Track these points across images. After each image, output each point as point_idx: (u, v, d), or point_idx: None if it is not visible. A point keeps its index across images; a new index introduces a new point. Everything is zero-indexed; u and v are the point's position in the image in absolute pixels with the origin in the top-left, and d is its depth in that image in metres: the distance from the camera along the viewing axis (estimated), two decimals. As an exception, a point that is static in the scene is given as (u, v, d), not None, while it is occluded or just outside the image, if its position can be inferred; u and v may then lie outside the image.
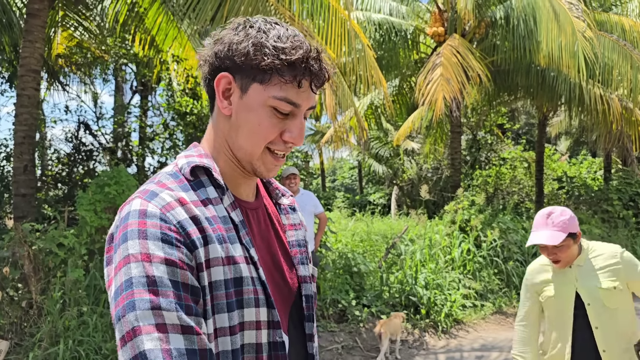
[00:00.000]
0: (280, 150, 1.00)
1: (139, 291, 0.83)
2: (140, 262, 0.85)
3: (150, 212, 0.88)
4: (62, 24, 8.14)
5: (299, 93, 0.96)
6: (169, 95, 8.58)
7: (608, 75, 9.36)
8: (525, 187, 14.50)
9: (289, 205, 1.19)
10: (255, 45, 0.94)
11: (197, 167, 1.00)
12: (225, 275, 0.92)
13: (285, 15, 5.51)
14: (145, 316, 0.81)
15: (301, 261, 1.12)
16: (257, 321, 0.95)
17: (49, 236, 4.79)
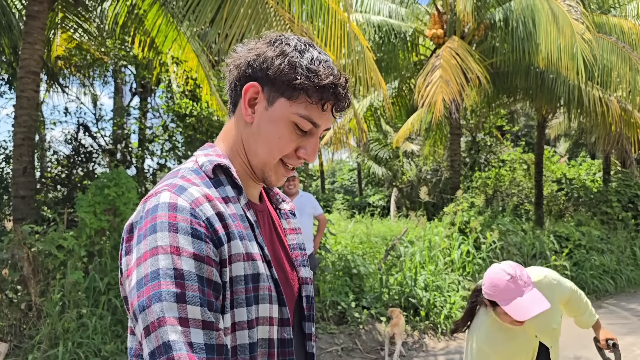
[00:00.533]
0: (292, 163, 1.06)
1: (166, 283, 0.85)
2: (170, 254, 0.87)
3: (181, 206, 0.91)
4: (62, 26, 8.14)
5: (322, 115, 1.03)
6: (169, 97, 8.58)
7: (607, 77, 9.37)
8: (524, 189, 14.51)
9: (289, 210, 1.24)
10: (291, 64, 0.99)
11: (217, 166, 1.03)
12: (245, 270, 0.95)
13: (284, 17, 5.51)
14: (170, 308, 0.84)
15: (302, 263, 1.17)
16: (269, 317, 0.98)
17: (48, 238, 4.78)
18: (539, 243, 8.45)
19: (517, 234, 8.46)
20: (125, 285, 0.92)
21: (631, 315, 7.22)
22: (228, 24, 5.26)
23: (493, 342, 2.23)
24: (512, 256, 7.97)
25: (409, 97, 11.84)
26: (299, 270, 1.16)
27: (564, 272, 8.29)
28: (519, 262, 8.07)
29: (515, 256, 8.00)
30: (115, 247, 5.33)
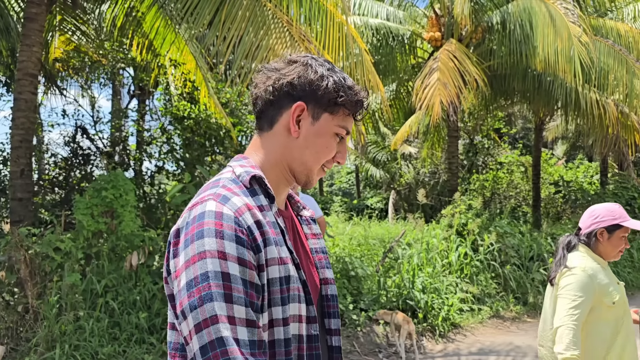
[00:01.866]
0: (329, 167, 1.21)
1: (216, 284, 0.96)
2: (217, 258, 0.98)
3: (226, 215, 1.02)
4: (60, 28, 8.14)
5: (351, 122, 1.21)
6: (167, 99, 8.57)
7: (604, 80, 9.40)
8: (522, 191, 14.53)
9: (310, 217, 1.35)
10: (336, 84, 1.15)
11: (253, 177, 1.14)
12: (279, 273, 1.06)
13: (282, 20, 5.52)
14: (221, 307, 0.95)
15: (325, 265, 1.30)
16: (299, 315, 1.10)
17: (45, 240, 4.77)
18: (537, 245, 8.46)
19: (515, 236, 8.46)
20: (172, 285, 1.04)
21: (629, 318, 7.23)
22: (226, 27, 5.26)
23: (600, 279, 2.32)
24: (510, 258, 7.98)
25: (406, 100, 11.86)
26: (322, 272, 1.28)
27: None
28: (516, 264, 8.08)
29: (512, 258, 8.01)
30: (113, 249, 5.33)
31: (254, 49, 5.39)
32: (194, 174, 7.37)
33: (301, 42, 5.48)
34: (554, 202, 13.72)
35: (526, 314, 7.37)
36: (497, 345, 6.08)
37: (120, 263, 5.24)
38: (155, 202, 7.83)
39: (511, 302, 7.45)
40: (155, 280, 5.29)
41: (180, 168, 8.11)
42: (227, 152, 8.49)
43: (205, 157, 8.17)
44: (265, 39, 5.38)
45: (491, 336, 6.46)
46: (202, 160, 8.01)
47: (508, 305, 7.41)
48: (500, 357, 5.64)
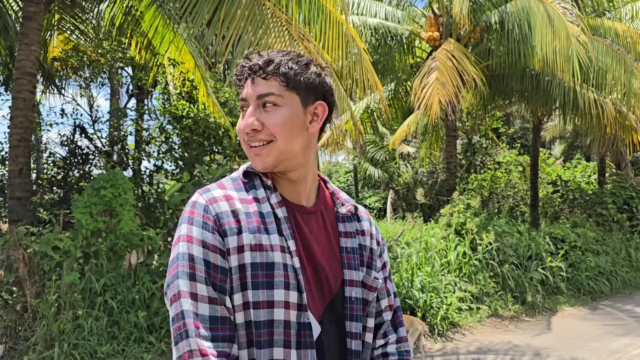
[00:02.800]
0: (248, 140, 1.18)
1: (182, 264, 1.09)
2: (185, 242, 1.10)
3: (199, 204, 1.14)
4: (58, 27, 8.12)
5: (243, 90, 1.18)
6: (165, 98, 8.56)
7: (602, 80, 9.42)
8: (520, 190, 14.56)
9: (345, 214, 1.31)
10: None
11: (248, 172, 1.22)
12: (253, 259, 1.10)
13: (281, 19, 5.52)
14: (185, 284, 1.07)
15: (352, 266, 1.25)
16: (285, 301, 1.11)
17: (44, 239, 4.77)
18: (535, 244, 8.47)
19: (513, 235, 8.48)
20: None
21: (627, 317, 7.24)
22: (225, 26, 5.26)
23: None
24: (508, 257, 7.99)
25: (405, 99, 11.86)
26: (348, 273, 1.24)
27: (560, 274, 8.32)
28: (514, 263, 8.10)
29: (511, 257, 8.02)
30: (112, 248, 5.32)
31: (253, 49, 5.39)
32: (193, 174, 7.37)
33: (300, 41, 5.48)
34: (551, 201, 13.73)
35: (524, 313, 7.39)
36: (495, 344, 6.09)
37: (119, 262, 5.24)
38: (153, 202, 7.83)
39: (509, 301, 7.46)
40: (154, 279, 5.29)
41: (178, 167, 8.11)
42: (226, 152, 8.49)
43: (203, 157, 8.17)
44: (264, 38, 5.38)
45: (490, 335, 6.47)
46: (201, 160, 8.01)
47: (506, 305, 7.42)
48: (499, 356, 5.65)
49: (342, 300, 1.22)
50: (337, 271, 1.23)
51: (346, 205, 1.31)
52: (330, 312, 1.20)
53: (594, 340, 6.11)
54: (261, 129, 1.15)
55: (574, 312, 7.59)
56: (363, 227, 1.33)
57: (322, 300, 1.19)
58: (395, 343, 1.34)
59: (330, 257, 1.23)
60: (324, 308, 1.19)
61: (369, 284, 1.27)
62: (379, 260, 1.35)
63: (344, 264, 1.24)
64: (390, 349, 1.33)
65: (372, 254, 1.32)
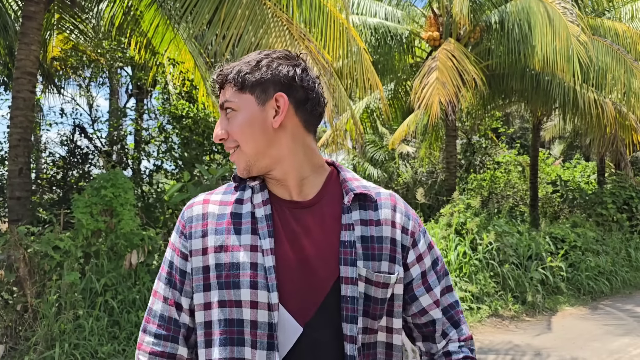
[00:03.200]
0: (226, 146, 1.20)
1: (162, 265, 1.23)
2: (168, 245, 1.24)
3: (182, 211, 1.24)
4: (58, 27, 8.11)
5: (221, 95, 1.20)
6: (165, 98, 8.56)
7: (602, 79, 9.42)
8: (519, 190, 14.56)
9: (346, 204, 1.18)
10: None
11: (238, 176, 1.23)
12: (217, 259, 1.13)
13: (282, 19, 5.52)
14: (155, 283, 1.23)
15: (348, 262, 1.13)
16: (252, 301, 1.10)
17: (44, 239, 4.76)
18: (535, 244, 8.47)
19: (513, 235, 8.47)
20: None
21: (627, 317, 7.25)
22: (225, 25, 5.25)
23: None
24: (509, 257, 7.99)
25: (404, 99, 11.86)
26: (344, 269, 1.12)
27: (560, 274, 8.32)
28: (515, 263, 8.10)
29: (511, 257, 8.02)
30: (112, 248, 5.31)
31: (254, 48, 5.38)
32: (193, 173, 7.36)
33: (301, 41, 5.47)
34: (551, 201, 13.74)
35: (525, 312, 7.38)
36: (496, 344, 6.09)
37: (119, 262, 5.23)
38: (153, 201, 7.82)
39: (510, 301, 7.46)
40: (154, 279, 5.28)
41: (178, 167, 8.10)
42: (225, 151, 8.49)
43: (203, 156, 8.17)
44: (265, 38, 5.38)
45: (490, 335, 6.46)
46: (201, 160, 8.01)
47: (507, 304, 7.42)
48: (500, 356, 5.65)
49: (338, 299, 1.12)
50: (333, 268, 1.12)
51: (349, 195, 1.18)
52: (322, 313, 1.11)
53: (594, 340, 6.11)
54: (227, 137, 1.17)
55: (574, 312, 7.59)
56: (380, 215, 1.19)
57: (311, 301, 1.11)
58: (457, 341, 1.23)
59: (325, 253, 1.13)
60: (315, 310, 1.11)
61: (374, 279, 1.14)
62: (412, 251, 1.22)
63: (340, 259, 1.12)
64: (452, 347, 1.22)
65: (395, 245, 1.18)
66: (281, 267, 1.11)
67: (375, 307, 1.15)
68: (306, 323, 1.11)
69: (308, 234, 1.15)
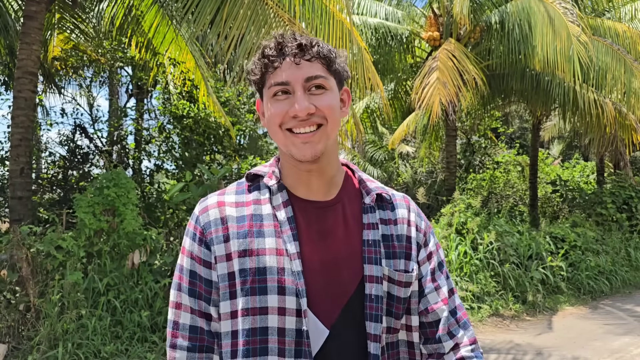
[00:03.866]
0: (294, 126, 1.09)
1: (176, 275, 1.16)
2: (181, 253, 1.17)
3: (193, 214, 1.17)
4: (59, 27, 8.11)
5: (281, 72, 1.10)
6: (166, 98, 8.56)
7: (602, 80, 9.44)
8: (519, 190, 14.57)
9: (369, 204, 1.20)
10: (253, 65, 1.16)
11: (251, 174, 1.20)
12: (242, 265, 1.08)
13: (284, 18, 5.52)
14: (174, 294, 1.15)
15: (372, 260, 1.13)
16: (280, 307, 1.06)
17: (47, 239, 4.76)
18: (535, 244, 8.49)
19: (514, 235, 8.49)
20: None
21: (627, 316, 7.27)
22: (227, 25, 5.25)
23: None
24: (509, 257, 8.01)
25: (405, 99, 11.87)
26: (368, 268, 1.13)
27: (560, 273, 8.34)
28: (515, 262, 8.11)
29: (511, 257, 8.04)
30: (114, 247, 5.31)
31: (256, 48, 5.38)
32: (194, 173, 7.36)
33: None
34: (550, 201, 13.76)
35: (525, 312, 7.40)
36: (497, 343, 6.10)
37: (121, 261, 5.23)
38: (154, 201, 7.82)
39: (510, 300, 7.47)
40: (156, 278, 5.29)
41: (179, 167, 8.10)
42: (226, 151, 8.49)
43: (204, 156, 8.17)
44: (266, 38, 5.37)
45: (491, 334, 6.48)
46: (201, 159, 8.01)
47: (507, 304, 7.44)
48: (501, 356, 5.66)
49: (362, 298, 1.11)
50: (357, 267, 1.12)
51: (371, 195, 1.19)
52: (346, 314, 1.11)
53: (595, 340, 6.12)
54: (314, 112, 1.08)
55: (575, 311, 7.60)
56: (397, 215, 1.21)
57: (336, 303, 1.10)
58: (468, 345, 1.19)
59: (348, 253, 1.13)
60: (339, 311, 1.10)
61: (396, 278, 1.15)
62: (423, 249, 1.22)
63: (364, 258, 1.13)
64: (464, 351, 1.18)
65: (410, 242, 1.20)
66: (307, 271, 1.09)
67: (398, 307, 1.16)
68: (332, 325, 1.10)
69: (331, 234, 1.14)
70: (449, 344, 1.18)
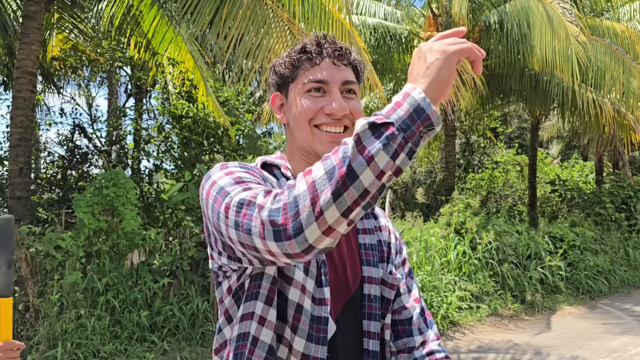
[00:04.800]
0: (326, 123, 1.13)
1: (229, 185, 1.01)
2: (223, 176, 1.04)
3: (230, 168, 1.07)
4: (57, 27, 8.10)
5: (320, 69, 1.14)
6: (164, 98, 8.55)
7: (601, 79, 9.46)
8: (518, 190, 14.59)
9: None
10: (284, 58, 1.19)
11: (267, 164, 1.20)
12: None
13: (283, 18, 5.53)
14: (230, 186, 1.01)
15: (371, 263, 1.22)
16: (302, 285, 1.08)
17: (46, 239, 4.76)
18: (534, 244, 8.50)
19: (512, 234, 8.50)
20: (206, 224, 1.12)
21: (625, 315, 7.28)
22: (227, 25, 5.26)
23: None
24: (508, 256, 8.02)
25: (404, 99, 11.85)
26: (367, 269, 1.21)
27: (559, 273, 8.35)
28: (514, 262, 8.13)
29: (510, 256, 8.05)
30: (113, 247, 5.32)
31: (255, 49, 5.39)
32: (193, 173, 7.36)
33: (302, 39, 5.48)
34: (549, 201, 13.78)
35: (524, 312, 7.41)
36: (495, 343, 6.11)
37: (121, 261, 5.23)
38: (153, 201, 7.82)
39: (509, 300, 7.49)
40: (156, 278, 5.29)
41: (178, 167, 8.10)
42: (225, 151, 8.49)
43: (203, 156, 8.16)
44: (266, 39, 5.39)
45: (490, 334, 6.49)
46: (200, 159, 8.01)
47: (506, 304, 7.45)
48: (500, 355, 5.67)
49: (361, 298, 1.18)
50: (357, 269, 1.19)
51: None
52: (347, 310, 1.17)
53: (593, 339, 6.14)
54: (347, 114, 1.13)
55: (573, 311, 7.62)
56: (380, 223, 1.31)
57: (340, 298, 1.16)
58: (435, 340, 1.30)
59: (350, 255, 1.20)
60: (342, 306, 1.16)
61: (389, 281, 1.24)
62: (398, 256, 1.32)
63: (362, 260, 1.20)
64: (433, 346, 1.28)
65: (390, 248, 1.29)
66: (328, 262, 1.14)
67: (387, 308, 1.24)
68: (335, 321, 1.14)
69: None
70: (419, 339, 1.26)
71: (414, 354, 1.26)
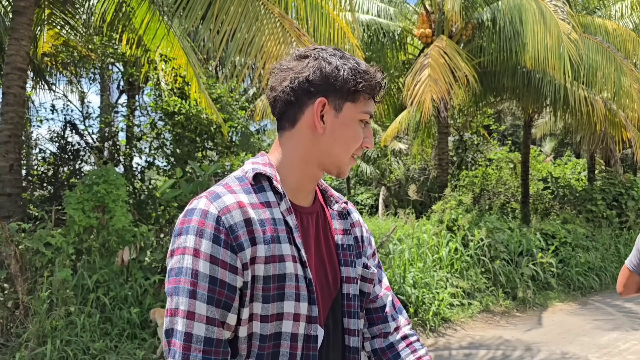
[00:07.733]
0: (358, 154, 1.19)
1: (185, 280, 1.02)
2: (192, 256, 1.02)
3: (210, 214, 1.04)
4: (48, 22, 8.04)
5: (372, 106, 1.19)
6: (157, 94, 8.52)
7: (592, 77, 9.49)
8: (510, 187, 14.64)
9: (339, 211, 1.31)
10: (352, 72, 1.13)
11: (259, 174, 1.14)
12: (266, 272, 1.05)
13: (274, 13, 5.51)
14: (184, 302, 1.01)
15: (348, 263, 1.25)
16: (295, 313, 1.08)
17: (36, 236, 4.74)
18: (526, 240, 8.54)
19: (504, 231, 8.54)
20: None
21: (616, 312, 7.33)
22: (219, 21, 5.24)
23: None
24: (500, 253, 8.05)
25: (397, 96, 11.89)
26: (345, 270, 1.24)
27: (550, 269, 8.40)
28: (505, 259, 8.16)
29: (502, 253, 8.08)
30: (104, 244, 5.30)
31: (247, 45, 5.38)
32: (185, 170, 7.34)
33: (296, 36, 5.46)
34: (542, 198, 13.84)
35: (515, 308, 7.45)
36: (487, 339, 6.14)
37: (111, 258, 5.21)
38: (145, 198, 7.79)
39: (500, 296, 7.52)
40: (146, 275, 5.28)
41: (170, 164, 8.07)
42: (218, 148, 8.47)
43: (195, 153, 8.14)
44: (257, 36, 5.37)
45: (481, 330, 6.52)
46: (193, 156, 7.98)
47: (497, 300, 7.48)
48: (491, 351, 5.70)
49: (341, 298, 1.23)
50: (336, 270, 1.23)
51: (340, 203, 1.30)
52: (332, 312, 1.20)
53: (584, 335, 6.18)
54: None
55: (564, 307, 7.67)
56: (354, 219, 1.35)
57: (327, 303, 1.19)
58: (407, 324, 1.37)
59: (329, 257, 1.22)
60: (327, 311, 1.19)
61: (368, 277, 1.29)
62: (368, 247, 1.36)
63: (340, 261, 1.24)
64: (406, 330, 1.35)
65: (363, 242, 1.34)
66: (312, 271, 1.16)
67: (366, 301, 1.32)
68: (324, 324, 1.18)
69: (318, 239, 1.22)
70: (393, 325, 1.34)
71: (388, 338, 1.33)
